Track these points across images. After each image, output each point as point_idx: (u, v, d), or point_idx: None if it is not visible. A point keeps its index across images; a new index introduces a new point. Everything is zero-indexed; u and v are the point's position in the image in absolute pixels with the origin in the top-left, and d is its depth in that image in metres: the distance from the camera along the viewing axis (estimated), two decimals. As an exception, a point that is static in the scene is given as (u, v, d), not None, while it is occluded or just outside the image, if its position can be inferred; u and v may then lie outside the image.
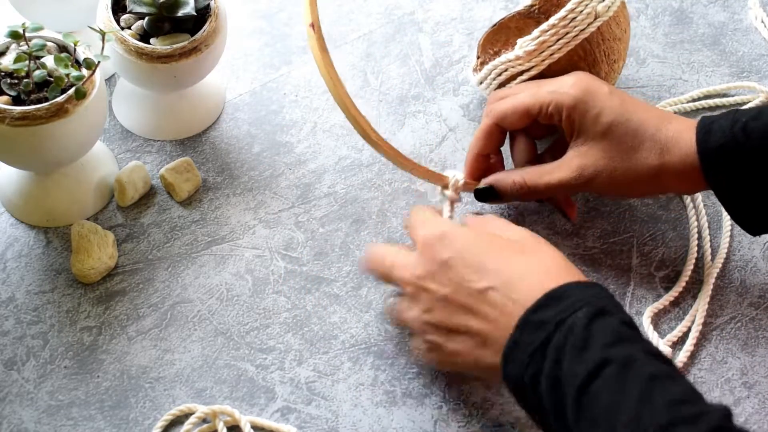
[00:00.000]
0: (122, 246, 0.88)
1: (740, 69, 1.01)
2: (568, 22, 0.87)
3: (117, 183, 0.89)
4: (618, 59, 0.91)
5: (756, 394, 0.83)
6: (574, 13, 0.87)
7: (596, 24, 0.87)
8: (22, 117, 0.79)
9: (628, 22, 0.92)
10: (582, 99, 0.82)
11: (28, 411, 0.80)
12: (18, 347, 0.83)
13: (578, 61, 0.88)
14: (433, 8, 1.04)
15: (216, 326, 0.85)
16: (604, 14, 0.87)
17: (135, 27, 0.87)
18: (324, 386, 0.82)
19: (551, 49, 0.87)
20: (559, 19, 0.87)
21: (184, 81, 0.89)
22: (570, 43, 0.87)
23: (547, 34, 0.87)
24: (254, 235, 0.89)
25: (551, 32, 0.87)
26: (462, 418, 0.81)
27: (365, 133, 0.84)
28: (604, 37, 0.88)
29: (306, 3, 0.85)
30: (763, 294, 0.88)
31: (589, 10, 0.86)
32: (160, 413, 0.80)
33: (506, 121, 0.85)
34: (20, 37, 0.81)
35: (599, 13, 0.87)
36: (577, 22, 0.87)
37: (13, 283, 0.86)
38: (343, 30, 1.02)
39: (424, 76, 1.00)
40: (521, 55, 0.88)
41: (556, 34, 0.87)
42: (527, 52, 0.88)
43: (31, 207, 0.89)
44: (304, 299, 0.86)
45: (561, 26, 0.87)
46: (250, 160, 0.93)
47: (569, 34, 0.87)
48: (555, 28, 0.87)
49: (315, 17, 0.85)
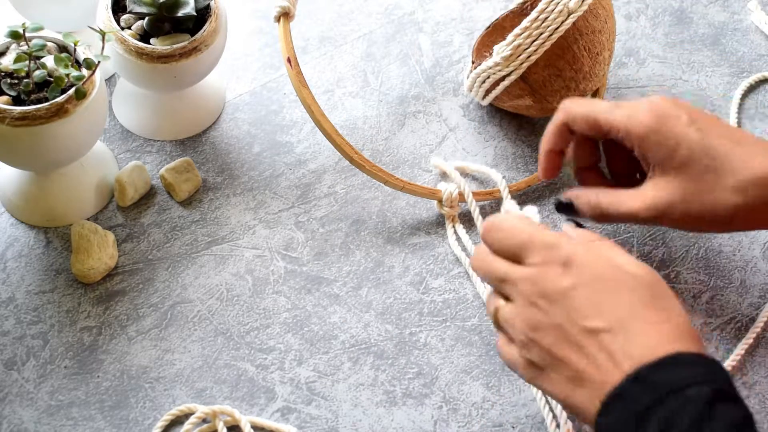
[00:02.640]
0: (122, 246, 0.88)
1: (740, 69, 1.01)
2: (540, 23, 0.86)
3: (117, 183, 0.89)
4: (602, 51, 0.90)
5: (756, 394, 0.83)
6: (546, 12, 0.86)
7: (570, 21, 0.86)
8: (22, 117, 0.79)
9: (609, 12, 0.91)
10: (655, 130, 0.75)
11: (28, 411, 0.80)
12: (18, 347, 0.83)
13: (556, 59, 0.88)
14: (433, 8, 1.04)
15: (216, 326, 0.85)
16: (578, 9, 0.86)
17: (135, 27, 0.87)
18: (324, 386, 0.82)
19: (527, 51, 0.87)
20: (531, 21, 0.86)
21: (184, 81, 0.89)
22: (545, 44, 0.87)
23: (521, 38, 0.87)
24: (254, 235, 0.89)
25: (525, 35, 0.87)
26: (462, 418, 0.81)
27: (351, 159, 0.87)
28: (581, 32, 0.88)
29: (281, 37, 0.86)
30: (763, 294, 0.88)
31: (561, 8, 0.86)
32: (160, 413, 0.80)
33: (576, 125, 0.79)
34: (20, 37, 0.81)
35: (572, 10, 0.86)
36: (550, 21, 0.86)
37: (13, 283, 0.86)
38: (343, 30, 1.02)
39: (424, 76, 1.00)
40: (499, 62, 0.88)
41: (530, 36, 0.87)
42: (504, 57, 0.88)
43: (31, 207, 0.89)
44: (304, 299, 0.86)
45: (534, 28, 0.86)
46: (250, 160, 0.93)
47: (543, 35, 0.87)
48: (528, 30, 0.86)
49: (291, 52, 0.86)
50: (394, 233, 0.90)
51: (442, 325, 0.85)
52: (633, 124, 0.76)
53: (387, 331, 0.85)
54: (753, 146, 0.75)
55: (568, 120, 0.80)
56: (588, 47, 0.88)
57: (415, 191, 0.89)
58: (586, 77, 0.90)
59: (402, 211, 0.91)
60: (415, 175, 0.93)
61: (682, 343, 0.65)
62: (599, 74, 0.91)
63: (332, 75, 0.99)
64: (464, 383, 0.82)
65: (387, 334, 0.85)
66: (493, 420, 0.81)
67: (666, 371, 0.63)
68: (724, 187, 0.74)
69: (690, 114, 0.76)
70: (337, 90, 0.98)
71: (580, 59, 0.88)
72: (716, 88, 1.00)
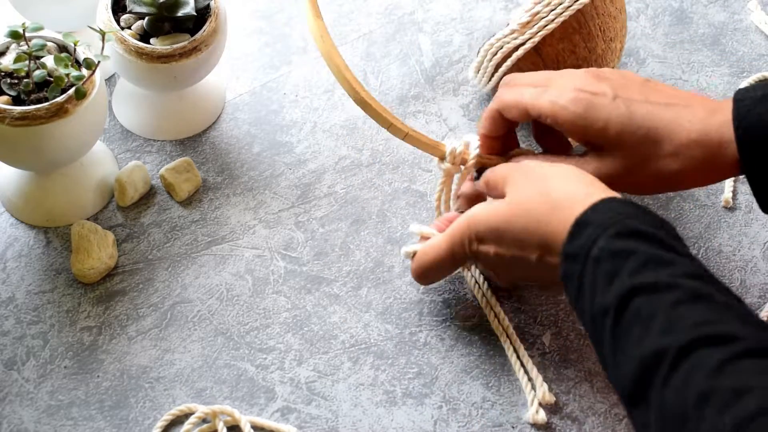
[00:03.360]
0: (122, 246, 0.88)
1: (740, 69, 1.01)
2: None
3: (117, 183, 0.89)
4: (615, 38, 0.90)
5: (756, 394, 0.83)
6: None
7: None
8: (22, 117, 0.79)
9: (623, 5, 0.92)
10: (581, 115, 0.77)
11: (28, 411, 0.80)
12: (18, 347, 0.83)
13: (572, 33, 0.88)
14: (433, 8, 1.04)
15: (216, 326, 0.85)
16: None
17: (135, 27, 0.87)
18: (324, 386, 0.82)
19: (545, 20, 0.87)
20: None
21: (184, 81, 0.89)
22: (564, 14, 0.87)
23: (540, 5, 0.87)
24: (254, 235, 0.89)
25: (544, 3, 0.87)
26: (462, 418, 0.81)
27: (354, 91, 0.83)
28: (598, 11, 0.88)
29: None
30: (763, 294, 0.88)
31: None
32: (160, 413, 0.80)
33: (508, 113, 0.82)
34: (20, 37, 0.81)
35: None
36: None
37: (13, 283, 0.86)
38: (343, 30, 1.02)
39: (424, 76, 1.00)
40: (515, 28, 0.88)
41: (549, 4, 0.87)
42: (521, 24, 0.88)
43: (31, 207, 0.89)
44: (304, 299, 0.86)
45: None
46: (250, 160, 0.93)
47: (562, 5, 0.87)
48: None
49: None
50: (394, 233, 0.90)
51: (442, 325, 0.85)
52: (559, 111, 0.78)
53: (387, 331, 0.85)
54: (682, 108, 0.77)
55: (501, 108, 0.82)
56: (603, 28, 0.89)
57: (419, 140, 0.84)
58: (598, 61, 0.90)
59: (402, 211, 0.91)
60: (415, 174, 0.93)
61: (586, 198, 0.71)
62: (610, 64, 0.91)
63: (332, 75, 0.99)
64: (464, 383, 0.82)
65: (387, 334, 0.85)
66: (493, 420, 0.81)
67: (580, 237, 0.69)
68: (661, 154, 0.76)
69: (614, 88, 0.78)
70: (337, 90, 0.98)
71: (595, 38, 0.88)
72: (716, 88, 1.00)
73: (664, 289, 0.64)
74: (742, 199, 0.92)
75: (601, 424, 0.81)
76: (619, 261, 0.66)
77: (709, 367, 0.59)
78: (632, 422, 0.64)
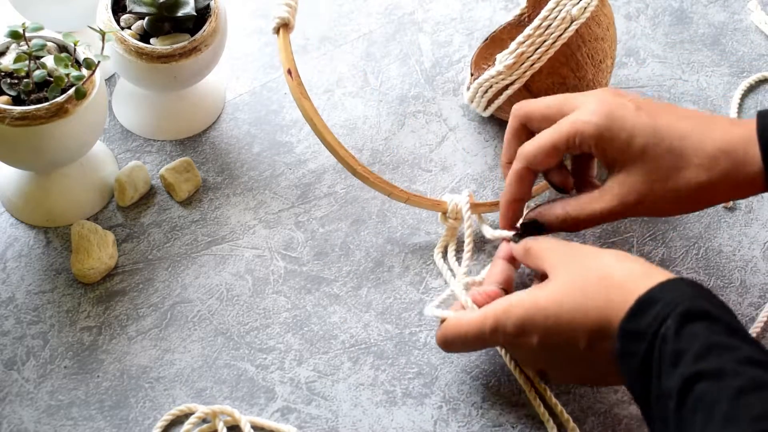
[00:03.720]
0: (122, 246, 0.88)
1: (740, 69, 1.01)
2: (543, 30, 0.85)
3: (117, 183, 0.90)
4: (604, 58, 0.89)
5: (756, 394, 0.83)
6: (548, 20, 0.85)
7: (573, 28, 0.85)
8: (22, 117, 0.79)
9: (610, 19, 0.90)
10: (606, 126, 0.76)
11: (28, 411, 0.80)
12: (18, 347, 0.83)
13: (560, 67, 0.87)
14: (433, 8, 1.04)
15: (216, 326, 0.85)
16: (580, 16, 0.85)
17: (135, 27, 0.87)
18: (324, 386, 0.82)
19: (531, 59, 0.86)
20: (534, 29, 0.85)
21: (184, 81, 0.89)
22: (548, 51, 0.86)
23: (524, 45, 0.86)
24: (254, 235, 0.89)
25: (528, 42, 0.86)
26: (462, 418, 0.81)
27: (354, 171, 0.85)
28: (584, 39, 0.87)
29: (281, 49, 0.85)
30: (763, 294, 0.88)
31: (564, 15, 0.85)
32: (160, 413, 0.80)
33: (537, 163, 0.79)
34: (20, 37, 0.81)
35: (575, 17, 0.85)
36: (553, 29, 0.85)
37: (13, 283, 0.86)
38: (343, 30, 1.02)
39: (424, 76, 1.00)
40: (502, 71, 0.88)
41: (533, 44, 0.86)
42: (507, 66, 0.87)
43: (31, 207, 0.89)
44: (304, 299, 0.86)
45: (537, 35, 0.86)
46: (250, 160, 0.93)
47: (546, 42, 0.86)
48: (531, 38, 0.86)
49: (291, 64, 0.85)
50: (394, 233, 0.90)
51: (442, 325, 0.85)
52: (583, 127, 0.76)
53: (387, 331, 0.85)
54: (705, 121, 0.76)
55: (528, 163, 0.80)
56: (591, 54, 0.88)
57: (420, 203, 0.87)
58: (590, 85, 0.89)
59: (402, 211, 0.91)
60: (415, 175, 0.93)
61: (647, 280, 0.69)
62: (602, 82, 0.90)
63: (332, 75, 0.99)
64: (464, 383, 0.82)
65: (387, 334, 0.85)
66: (493, 420, 0.81)
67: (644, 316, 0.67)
68: (687, 166, 0.74)
69: (635, 101, 0.77)
70: (337, 90, 0.98)
71: (584, 66, 0.87)
72: (716, 88, 1.00)
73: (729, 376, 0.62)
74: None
75: (601, 424, 0.81)
76: (686, 342, 0.64)
77: None
78: None
